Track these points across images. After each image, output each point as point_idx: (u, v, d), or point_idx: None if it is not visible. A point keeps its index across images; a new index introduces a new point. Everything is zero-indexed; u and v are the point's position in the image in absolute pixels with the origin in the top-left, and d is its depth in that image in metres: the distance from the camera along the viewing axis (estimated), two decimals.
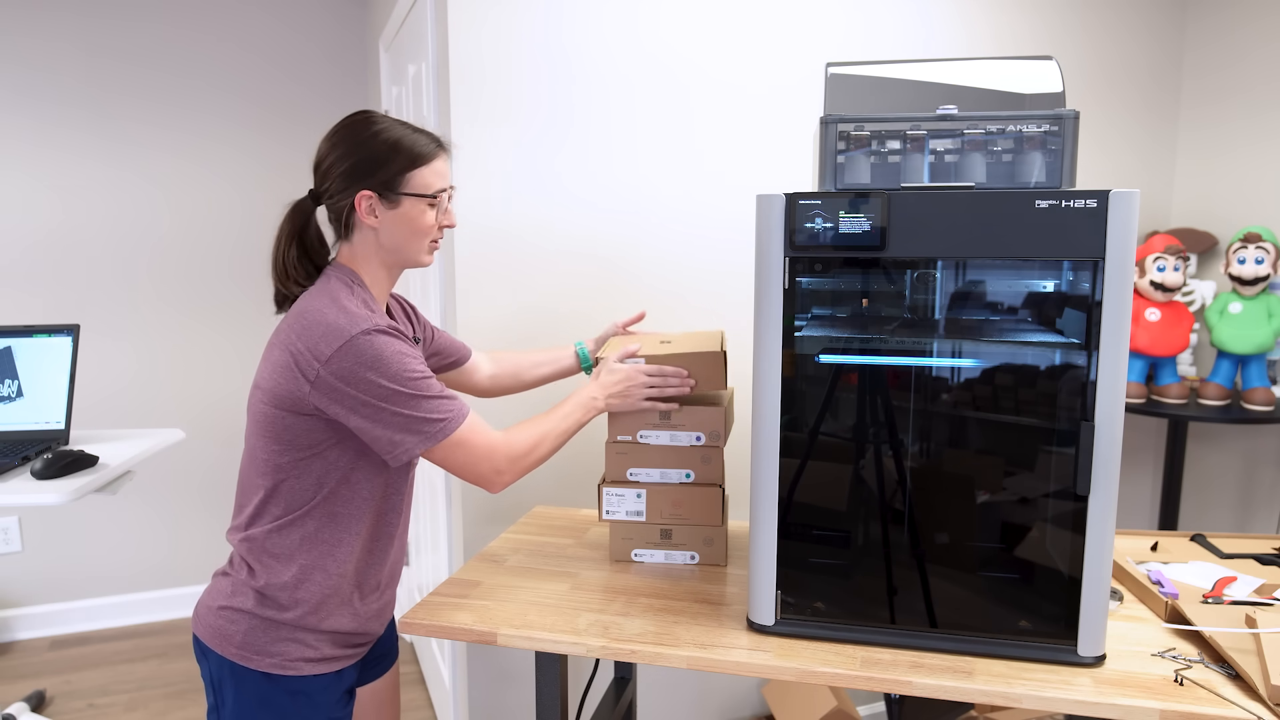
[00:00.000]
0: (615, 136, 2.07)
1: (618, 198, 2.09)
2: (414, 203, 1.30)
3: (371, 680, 1.49)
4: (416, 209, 1.30)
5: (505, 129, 1.98)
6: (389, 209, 1.29)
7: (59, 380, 1.95)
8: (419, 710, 2.72)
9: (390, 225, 1.30)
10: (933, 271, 1.25)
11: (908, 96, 1.31)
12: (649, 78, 2.08)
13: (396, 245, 1.32)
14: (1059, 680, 1.18)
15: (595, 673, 1.69)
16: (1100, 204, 1.14)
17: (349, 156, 1.28)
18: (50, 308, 3.12)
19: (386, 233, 1.30)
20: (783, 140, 2.22)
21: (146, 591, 3.35)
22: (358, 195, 1.27)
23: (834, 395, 1.28)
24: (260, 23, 3.25)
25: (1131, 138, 2.64)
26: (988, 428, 1.25)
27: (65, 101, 3.05)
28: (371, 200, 1.28)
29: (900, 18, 2.29)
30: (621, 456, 1.59)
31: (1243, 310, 2.27)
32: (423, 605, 1.42)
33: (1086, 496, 1.20)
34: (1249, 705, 1.12)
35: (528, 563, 1.61)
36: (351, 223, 1.31)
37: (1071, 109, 1.21)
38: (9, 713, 2.58)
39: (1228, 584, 1.44)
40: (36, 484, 1.67)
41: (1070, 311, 1.21)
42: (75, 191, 3.10)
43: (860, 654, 1.26)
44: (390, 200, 1.28)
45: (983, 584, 1.26)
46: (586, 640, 1.31)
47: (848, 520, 1.30)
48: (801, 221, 1.24)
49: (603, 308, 2.10)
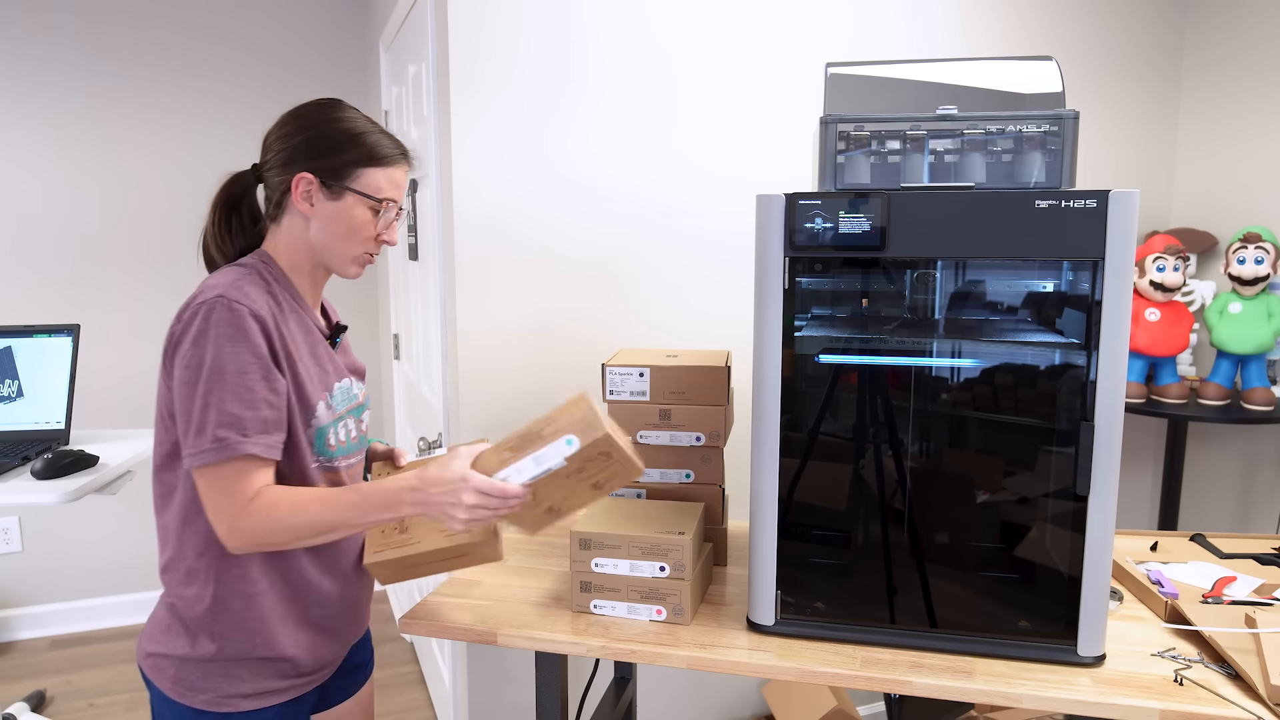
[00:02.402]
0: (616, 134, 2.07)
1: (620, 196, 2.09)
2: (356, 201, 1.18)
3: (340, 701, 1.37)
4: (358, 209, 1.18)
5: (506, 128, 1.98)
6: (328, 199, 1.17)
7: (59, 380, 1.95)
8: (419, 710, 2.72)
9: (324, 218, 1.18)
10: (932, 271, 1.25)
11: (907, 96, 1.31)
12: (649, 75, 2.08)
13: (325, 243, 1.20)
14: (1059, 680, 1.18)
15: (595, 673, 1.69)
16: (1100, 204, 1.14)
17: (301, 133, 1.17)
18: (52, 307, 3.12)
19: (318, 226, 1.19)
20: (783, 140, 2.22)
21: (146, 591, 3.35)
22: (297, 175, 1.16)
23: (834, 395, 1.29)
24: (260, 23, 3.25)
25: (1131, 121, 2.64)
26: (988, 428, 1.25)
27: (65, 109, 3.05)
28: (311, 185, 1.17)
29: (899, 13, 2.29)
30: None
31: (1242, 310, 2.27)
32: (423, 605, 1.42)
33: (1086, 496, 1.20)
34: (1249, 705, 1.12)
35: (528, 563, 1.61)
36: (284, 204, 1.20)
37: (1071, 109, 1.21)
38: (9, 713, 2.58)
39: (1227, 584, 1.44)
40: (36, 484, 1.67)
41: (1070, 311, 1.21)
42: (75, 192, 3.10)
43: (860, 654, 1.26)
44: (331, 190, 1.17)
45: (983, 584, 1.26)
46: (586, 640, 1.31)
47: (848, 520, 1.30)
48: (801, 221, 1.24)
49: (604, 306, 2.11)
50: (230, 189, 1.22)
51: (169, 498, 1.17)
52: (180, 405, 1.09)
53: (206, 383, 1.07)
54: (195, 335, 1.08)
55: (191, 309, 1.09)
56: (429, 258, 2.33)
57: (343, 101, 1.23)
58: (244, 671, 1.17)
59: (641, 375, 1.56)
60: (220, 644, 1.16)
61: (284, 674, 1.20)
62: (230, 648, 1.16)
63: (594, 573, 1.37)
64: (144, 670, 1.20)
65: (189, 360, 1.08)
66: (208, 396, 1.07)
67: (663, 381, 1.56)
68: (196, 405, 1.07)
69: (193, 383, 1.07)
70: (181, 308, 1.11)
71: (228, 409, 1.07)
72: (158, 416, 1.16)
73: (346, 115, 1.20)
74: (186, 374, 1.08)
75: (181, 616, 1.17)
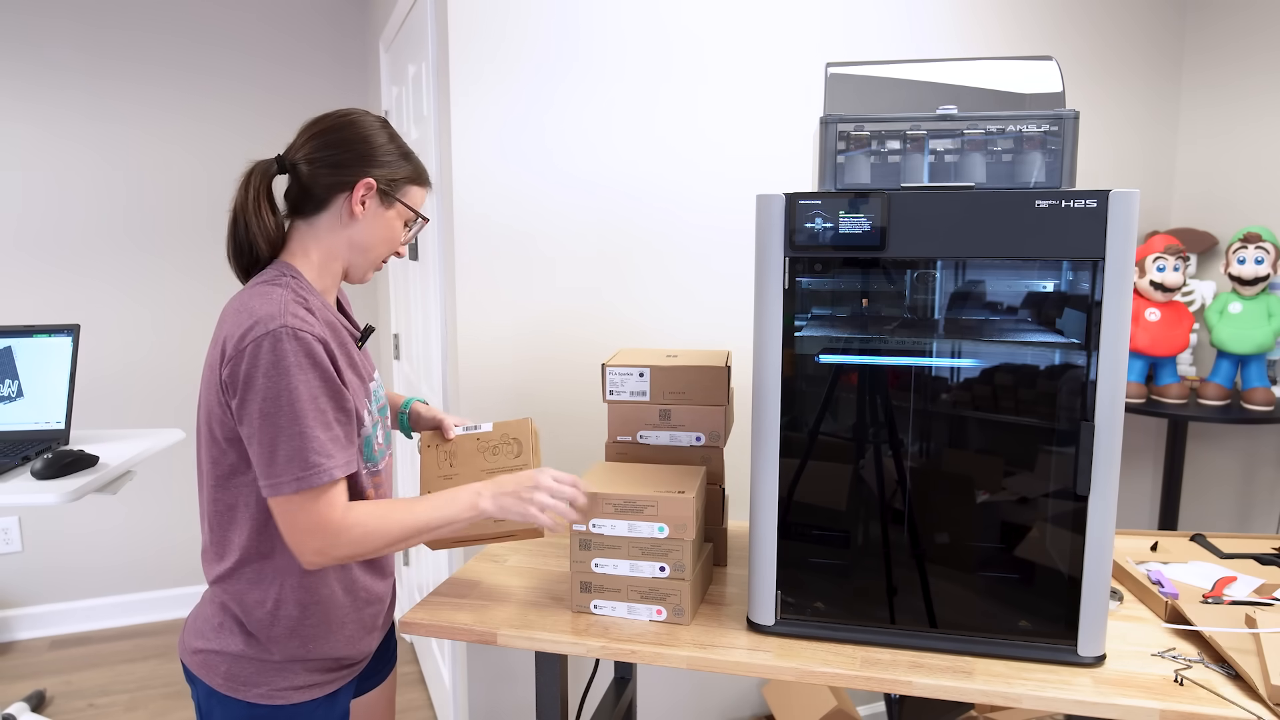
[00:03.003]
0: (617, 131, 2.07)
1: (622, 195, 2.09)
2: (401, 213, 1.27)
3: (368, 690, 1.43)
4: (398, 221, 1.27)
5: (507, 126, 1.98)
6: (380, 206, 1.24)
7: (59, 380, 1.95)
8: (419, 710, 2.72)
9: (371, 223, 1.24)
10: (932, 271, 1.25)
11: (908, 96, 1.31)
12: (649, 75, 2.08)
13: (365, 245, 1.25)
14: (1059, 680, 1.18)
15: (595, 673, 1.69)
16: (1100, 204, 1.14)
17: (362, 142, 1.22)
18: (50, 306, 3.12)
19: (363, 229, 1.24)
20: (783, 139, 2.22)
21: (146, 591, 3.35)
22: (363, 179, 1.21)
23: (834, 395, 1.28)
24: (260, 24, 3.25)
25: (1132, 121, 2.64)
26: (988, 428, 1.25)
27: (68, 102, 3.05)
28: (371, 190, 1.22)
29: (894, 8, 2.29)
30: (621, 456, 1.59)
31: (1242, 310, 2.27)
32: (423, 605, 1.42)
33: (1086, 496, 1.20)
34: (1249, 705, 1.12)
35: (528, 563, 1.61)
36: (328, 203, 1.22)
37: (1071, 109, 1.21)
38: (9, 713, 2.58)
39: (1228, 584, 1.44)
40: (36, 484, 1.67)
41: (1070, 311, 1.21)
42: (77, 192, 3.10)
43: (860, 654, 1.26)
44: (385, 200, 1.24)
45: (982, 584, 1.26)
46: (586, 640, 1.31)
47: (847, 520, 1.30)
48: (801, 221, 1.24)
49: (605, 305, 2.10)
50: (267, 173, 1.23)
51: (230, 513, 1.19)
52: (261, 436, 1.10)
53: (288, 414, 1.10)
54: (267, 368, 1.09)
55: (254, 340, 1.10)
56: (429, 257, 2.33)
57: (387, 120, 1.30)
58: (297, 667, 1.22)
59: (641, 375, 1.56)
60: (279, 646, 1.20)
61: (333, 668, 1.26)
62: (287, 650, 1.21)
63: (594, 573, 1.37)
64: (190, 666, 1.23)
65: (266, 393, 1.09)
66: (292, 427, 1.10)
67: (663, 381, 1.56)
68: (282, 435, 1.10)
69: (273, 414, 1.09)
70: (239, 337, 1.11)
71: (311, 438, 1.10)
72: (209, 438, 1.18)
73: (397, 135, 1.28)
74: (266, 406, 1.09)
75: (238, 617, 1.20)
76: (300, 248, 1.24)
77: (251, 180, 1.22)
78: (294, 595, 1.20)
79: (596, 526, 1.36)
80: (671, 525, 1.33)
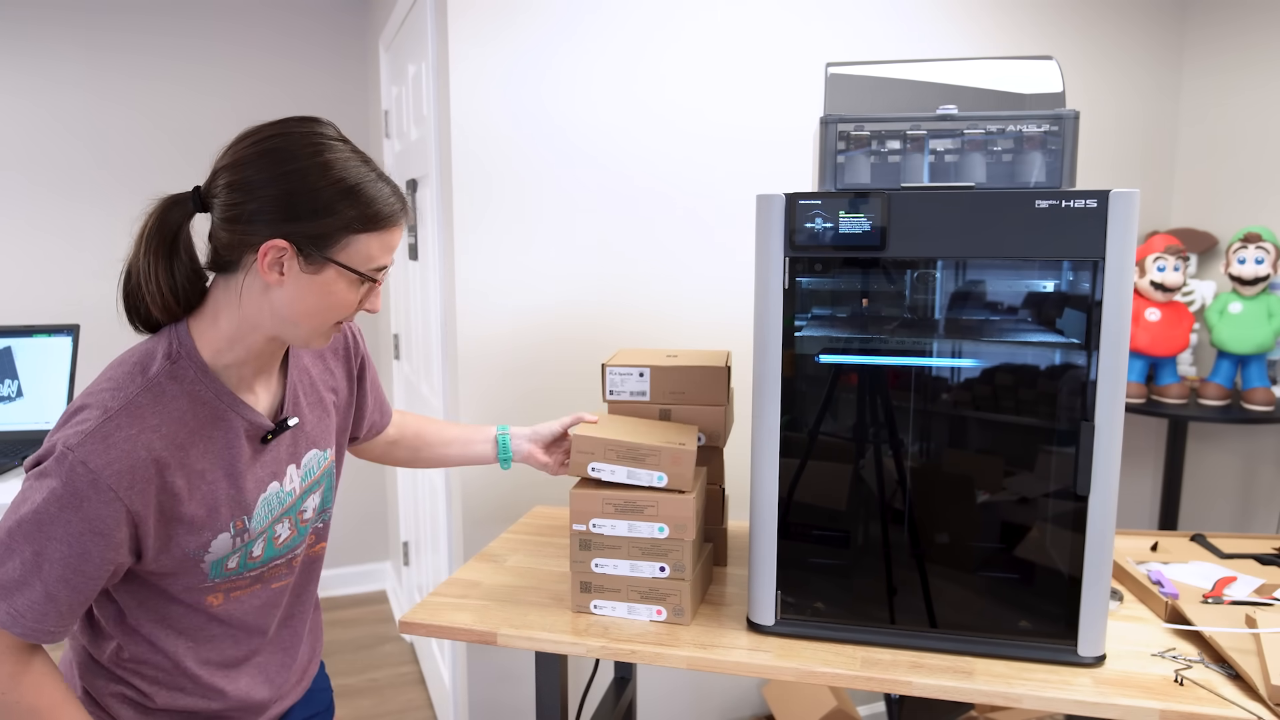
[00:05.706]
0: (616, 131, 2.07)
1: (624, 195, 2.09)
2: (340, 275, 0.94)
3: None
4: (340, 283, 0.95)
5: (508, 127, 1.98)
6: (304, 271, 0.93)
7: (59, 380, 1.95)
8: (419, 710, 2.72)
9: (296, 291, 0.93)
10: (933, 271, 1.25)
11: (908, 96, 1.31)
12: (651, 73, 2.09)
13: (292, 317, 0.95)
14: (1059, 680, 1.18)
15: (595, 673, 1.69)
16: (1100, 204, 1.14)
17: (275, 182, 0.91)
18: (50, 306, 3.12)
19: (285, 298, 0.94)
20: (782, 139, 2.22)
21: None
22: (267, 243, 0.90)
23: (834, 395, 1.28)
24: (260, 24, 3.25)
25: (1132, 120, 2.64)
26: (988, 428, 1.25)
27: (63, 105, 3.05)
28: (284, 254, 0.91)
29: (898, 9, 2.29)
30: None
31: (1243, 310, 2.27)
32: (423, 605, 1.42)
33: (1086, 496, 1.20)
34: (1249, 705, 1.12)
35: (527, 563, 1.61)
36: (240, 262, 0.94)
37: (1071, 109, 1.21)
38: None
39: (1228, 584, 1.44)
40: None
41: (1070, 311, 1.21)
42: (79, 192, 3.10)
43: (860, 654, 1.26)
44: (312, 262, 0.92)
45: (983, 584, 1.26)
46: (586, 640, 1.31)
47: (848, 520, 1.30)
48: (801, 221, 1.24)
49: (605, 304, 2.11)
50: (165, 218, 0.95)
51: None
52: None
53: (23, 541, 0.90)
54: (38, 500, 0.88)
55: (50, 463, 0.89)
56: (429, 257, 2.33)
57: (329, 127, 0.96)
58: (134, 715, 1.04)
59: (641, 375, 1.56)
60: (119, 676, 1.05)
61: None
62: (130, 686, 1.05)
63: (594, 573, 1.37)
64: None
65: (23, 515, 0.89)
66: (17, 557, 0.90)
67: (663, 381, 1.56)
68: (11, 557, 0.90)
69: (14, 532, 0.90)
70: (48, 444, 0.90)
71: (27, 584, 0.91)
72: None
73: (336, 157, 0.93)
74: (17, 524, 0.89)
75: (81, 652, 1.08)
76: (211, 310, 0.98)
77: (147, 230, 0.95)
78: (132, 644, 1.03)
79: (596, 526, 1.36)
80: (671, 525, 1.33)
